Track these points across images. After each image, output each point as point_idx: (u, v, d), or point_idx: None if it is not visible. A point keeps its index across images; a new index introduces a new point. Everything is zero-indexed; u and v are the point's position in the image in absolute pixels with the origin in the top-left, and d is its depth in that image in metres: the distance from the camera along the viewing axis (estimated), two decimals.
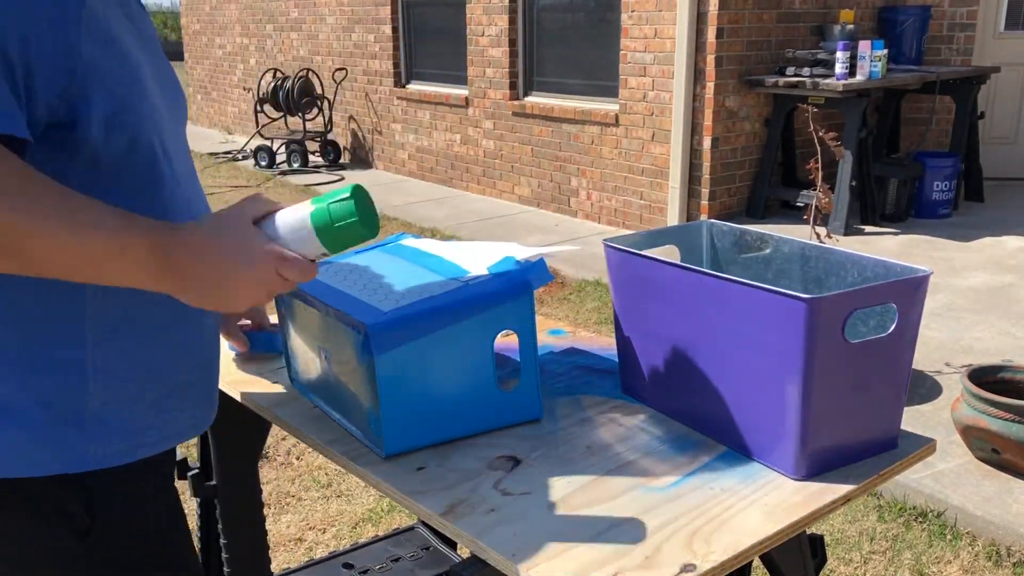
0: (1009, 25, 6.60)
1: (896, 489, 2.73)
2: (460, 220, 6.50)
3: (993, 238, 5.42)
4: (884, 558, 2.48)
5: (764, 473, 1.11)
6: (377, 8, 8.20)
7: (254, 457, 1.70)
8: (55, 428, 0.97)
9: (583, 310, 4.54)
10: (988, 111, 6.75)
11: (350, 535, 2.63)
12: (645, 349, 1.28)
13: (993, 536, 2.51)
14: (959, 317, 4.10)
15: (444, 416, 1.18)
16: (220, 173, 8.72)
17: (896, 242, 5.35)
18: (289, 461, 3.08)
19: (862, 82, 5.33)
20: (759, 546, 0.97)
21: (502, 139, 7.08)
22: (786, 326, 1.04)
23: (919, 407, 3.18)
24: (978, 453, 2.80)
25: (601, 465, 1.13)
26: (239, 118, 11.27)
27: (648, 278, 1.24)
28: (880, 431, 1.14)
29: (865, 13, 6.35)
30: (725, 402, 1.16)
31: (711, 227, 1.44)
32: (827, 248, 1.28)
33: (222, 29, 11.27)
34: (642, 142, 5.94)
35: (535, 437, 1.21)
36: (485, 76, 7.10)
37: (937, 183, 5.81)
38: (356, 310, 1.15)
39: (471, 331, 1.16)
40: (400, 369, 1.13)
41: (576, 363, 1.48)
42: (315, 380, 1.32)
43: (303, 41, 9.49)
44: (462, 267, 1.26)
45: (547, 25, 6.66)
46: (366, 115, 8.71)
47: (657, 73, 5.75)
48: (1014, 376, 2.87)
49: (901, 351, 1.12)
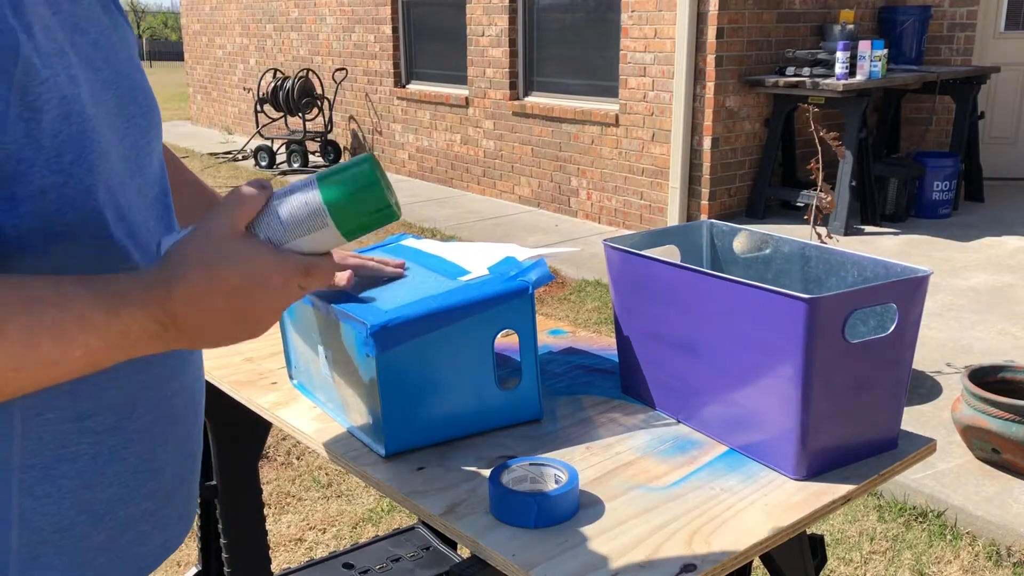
0: (1009, 25, 6.60)
1: (896, 489, 2.73)
2: (460, 220, 6.50)
3: (993, 238, 5.42)
4: (884, 558, 2.48)
5: (764, 473, 1.11)
6: (377, 8, 8.20)
7: (254, 457, 1.70)
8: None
9: (583, 310, 4.54)
10: (988, 111, 6.75)
11: (350, 535, 2.63)
12: (645, 349, 1.28)
13: (993, 536, 2.51)
14: (959, 317, 4.10)
15: (444, 416, 1.18)
16: (220, 173, 8.72)
17: (896, 242, 5.35)
18: (289, 461, 3.08)
19: (862, 82, 5.33)
20: (759, 546, 0.97)
21: (502, 139, 7.08)
22: (786, 326, 1.04)
23: (919, 407, 3.18)
24: (978, 453, 2.80)
25: (601, 465, 1.13)
26: (239, 118, 11.27)
27: (648, 278, 1.24)
28: (880, 431, 1.14)
29: (865, 13, 6.35)
30: (725, 402, 1.16)
31: (711, 227, 1.44)
32: (827, 248, 1.28)
33: (222, 29, 11.27)
34: (642, 142, 5.94)
35: (535, 437, 1.21)
36: (485, 76, 7.10)
37: (937, 183, 5.81)
38: (356, 310, 1.15)
39: (471, 331, 1.16)
40: (400, 369, 1.13)
41: (576, 363, 1.48)
42: (315, 380, 1.32)
43: (303, 41, 9.49)
44: (463, 267, 1.26)
45: (547, 25, 6.66)
46: (366, 115, 8.72)
47: (657, 73, 5.75)
48: (1014, 376, 2.87)
49: (901, 351, 1.12)
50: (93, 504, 0.81)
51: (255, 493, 1.72)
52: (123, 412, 0.81)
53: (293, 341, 1.38)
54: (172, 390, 0.87)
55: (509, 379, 1.32)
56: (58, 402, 0.76)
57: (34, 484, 0.77)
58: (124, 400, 0.81)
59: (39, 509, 0.78)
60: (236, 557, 1.72)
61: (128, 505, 0.84)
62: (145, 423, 0.84)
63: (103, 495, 0.82)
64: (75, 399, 0.78)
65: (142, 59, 47.80)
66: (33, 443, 0.76)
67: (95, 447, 0.80)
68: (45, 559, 0.79)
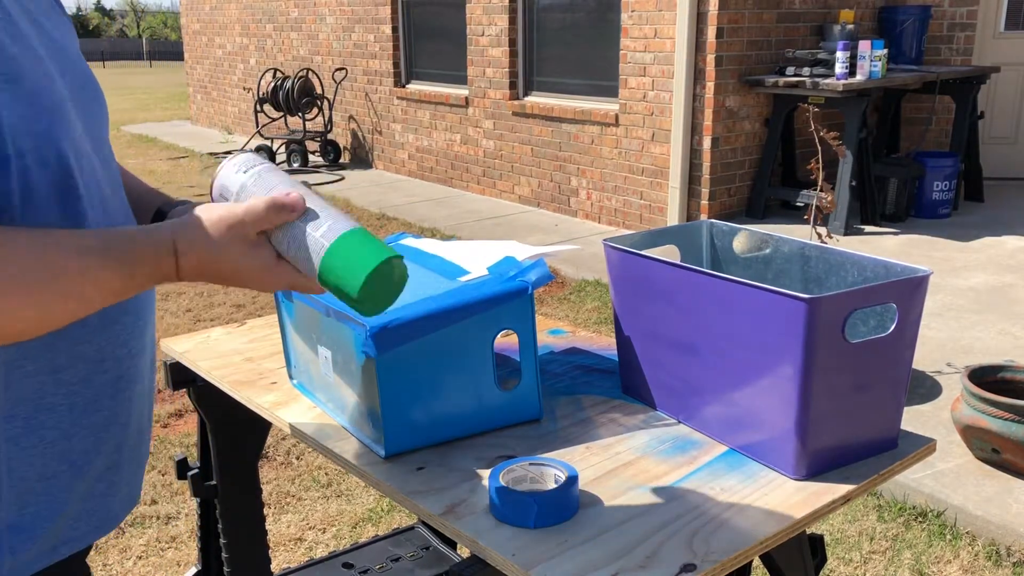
0: (1009, 25, 6.60)
1: (896, 489, 2.73)
2: (460, 220, 6.50)
3: (993, 238, 5.42)
4: (884, 558, 2.48)
5: (764, 473, 1.11)
6: (377, 8, 8.20)
7: (254, 457, 1.70)
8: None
9: (583, 310, 4.54)
10: (988, 111, 6.75)
11: (350, 535, 2.63)
12: (645, 349, 1.28)
13: (993, 536, 2.51)
14: (959, 317, 4.10)
15: (444, 416, 1.18)
16: None
17: (896, 242, 5.35)
18: (289, 461, 3.08)
19: (862, 82, 5.33)
20: (759, 546, 0.97)
21: (502, 139, 7.08)
22: (786, 326, 1.04)
23: (919, 407, 3.18)
24: (978, 453, 2.80)
25: (601, 465, 1.13)
26: (239, 118, 11.27)
27: (648, 278, 1.24)
28: (880, 431, 1.15)
29: (865, 13, 6.35)
30: (725, 402, 1.16)
31: (711, 227, 1.44)
32: (827, 248, 1.28)
33: (222, 29, 11.27)
34: (642, 142, 5.94)
35: (535, 437, 1.21)
36: (485, 76, 7.10)
37: (937, 183, 5.81)
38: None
39: (471, 331, 1.16)
40: (400, 369, 1.13)
41: (576, 363, 1.48)
42: (315, 380, 1.32)
43: (303, 41, 9.49)
44: (462, 267, 1.26)
45: (547, 25, 6.66)
46: (366, 115, 8.72)
47: (657, 73, 5.76)
48: (1014, 376, 2.87)
49: (901, 351, 1.12)
50: (72, 454, 0.89)
51: (255, 493, 1.72)
52: (93, 366, 0.89)
53: (293, 341, 1.38)
54: (134, 348, 0.95)
55: (509, 379, 1.33)
56: (36, 355, 0.84)
57: (19, 435, 0.84)
58: (93, 355, 0.89)
59: (25, 459, 0.85)
60: (236, 557, 1.72)
61: (102, 456, 0.92)
62: (112, 377, 0.92)
63: (80, 446, 0.90)
64: (51, 352, 0.85)
65: (142, 59, 47.85)
66: (15, 393, 0.84)
67: (70, 399, 0.88)
68: (32, 508, 0.86)
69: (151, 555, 2.55)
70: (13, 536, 0.85)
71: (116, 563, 2.51)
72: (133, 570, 2.48)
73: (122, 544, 2.60)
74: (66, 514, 0.90)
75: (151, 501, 2.83)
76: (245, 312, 4.65)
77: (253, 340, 1.61)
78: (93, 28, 66.17)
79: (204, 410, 1.60)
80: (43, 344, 0.85)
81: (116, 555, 2.54)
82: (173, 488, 2.91)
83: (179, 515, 2.75)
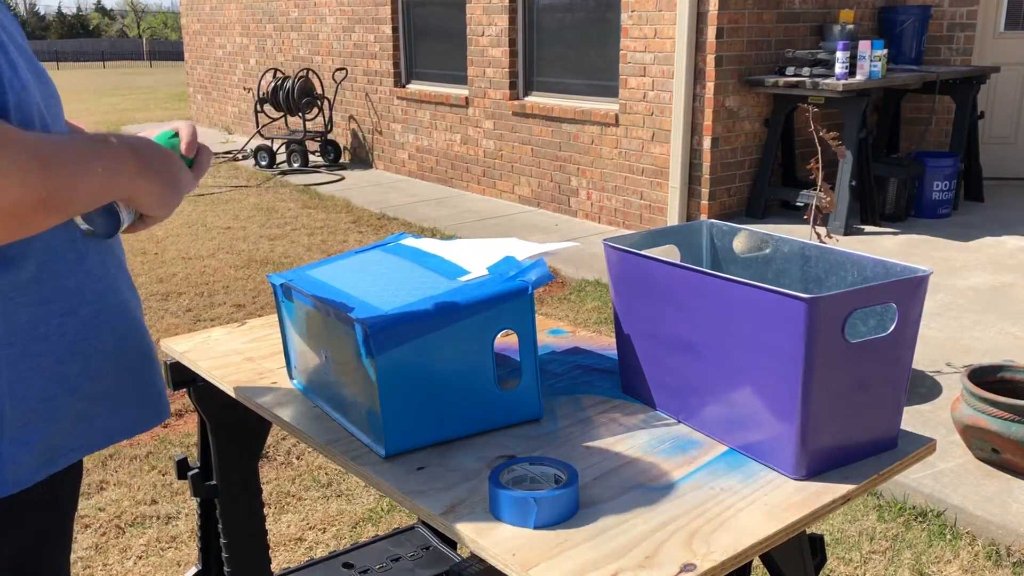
0: (1009, 25, 6.60)
1: (896, 489, 2.73)
2: (460, 220, 6.50)
3: (993, 238, 5.42)
4: (884, 558, 2.48)
5: (764, 473, 1.11)
6: (377, 8, 8.20)
7: (254, 457, 1.70)
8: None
9: (583, 310, 4.54)
10: (988, 111, 6.75)
11: (350, 535, 2.63)
12: (645, 349, 1.28)
13: (993, 536, 2.51)
14: (959, 317, 4.10)
15: (444, 416, 1.18)
16: (220, 173, 8.72)
17: (896, 242, 5.35)
18: (289, 461, 3.08)
19: (862, 82, 5.33)
20: (759, 546, 0.97)
21: (502, 139, 7.08)
22: (786, 326, 1.04)
23: (919, 407, 3.18)
24: (978, 453, 2.80)
25: (601, 465, 1.13)
26: (239, 118, 11.27)
27: (648, 278, 1.24)
28: (880, 431, 1.15)
29: (865, 13, 6.35)
30: (725, 402, 1.16)
31: (711, 227, 1.44)
32: (827, 248, 1.28)
33: (222, 29, 11.27)
34: (642, 142, 5.95)
35: (535, 437, 1.21)
36: (485, 76, 7.10)
37: (937, 183, 5.82)
38: (356, 309, 1.15)
39: (471, 331, 1.16)
40: (400, 369, 1.13)
41: (576, 363, 1.48)
42: (315, 380, 1.33)
43: (303, 41, 9.49)
44: (462, 267, 1.26)
45: (547, 25, 6.66)
46: (366, 115, 8.72)
47: (657, 73, 5.76)
48: (1014, 376, 2.87)
49: (901, 351, 1.12)
50: (68, 378, 1.02)
51: (255, 493, 1.72)
52: (76, 299, 1.02)
53: (293, 341, 1.38)
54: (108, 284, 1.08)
55: (509, 379, 1.33)
56: (27, 287, 0.97)
57: (17, 360, 0.97)
58: (75, 287, 1.02)
59: (24, 380, 0.97)
60: (236, 557, 1.72)
61: (95, 381, 1.05)
62: (95, 310, 1.05)
63: (74, 370, 1.03)
64: (39, 285, 0.98)
65: (142, 59, 47.82)
66: (10, 323, 0.96)
67: (61, 328, 1.01)
68: (33, 426, 0.99)
69: (151, 555, 2.55)
70: (16, 448, 0.97)
71: (116, 563, 2.51)
72: (133, 570, 2.48)
73: (122, 544, 2.60)
74: (66, 432, 1.03)
75: (151, 501, 2.83)
76: (245, 312, 4.65)
77: (253, 340, 1.61)
78: (93, 28, 66.15)
79: (204, 410, 1.61)
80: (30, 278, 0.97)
81: (116, 555, 2.54)
82: (173, 488, 2.91)
83: (179, 515, 2.75)
